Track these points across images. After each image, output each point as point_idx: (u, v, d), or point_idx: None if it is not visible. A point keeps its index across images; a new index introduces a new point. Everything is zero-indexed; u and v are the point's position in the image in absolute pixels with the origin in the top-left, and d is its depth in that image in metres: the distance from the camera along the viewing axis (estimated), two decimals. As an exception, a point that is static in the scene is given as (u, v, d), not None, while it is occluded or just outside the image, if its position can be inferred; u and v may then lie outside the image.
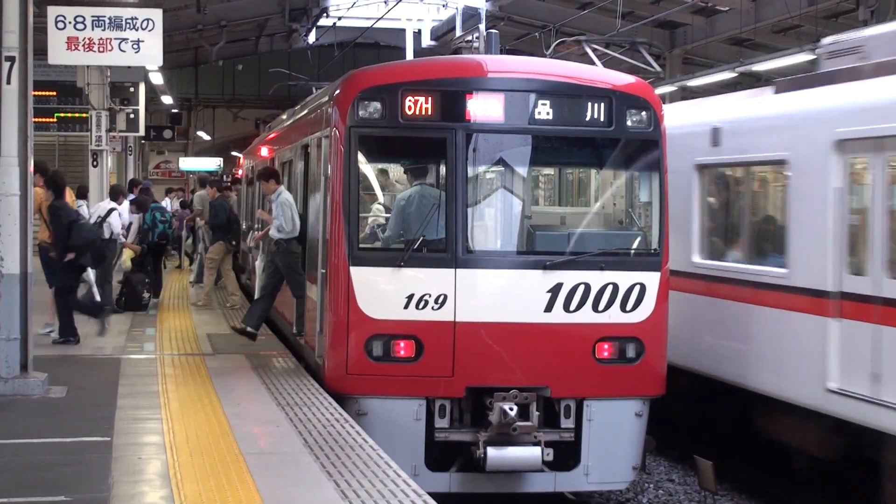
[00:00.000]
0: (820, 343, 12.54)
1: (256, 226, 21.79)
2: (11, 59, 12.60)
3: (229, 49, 43.53)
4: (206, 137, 59.72)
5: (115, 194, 21.50)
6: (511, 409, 12.00)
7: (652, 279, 12.54)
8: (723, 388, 14.78)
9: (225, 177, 47.83)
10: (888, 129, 11.70)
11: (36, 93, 13.62)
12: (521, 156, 12.93)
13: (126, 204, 21.71)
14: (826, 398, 12.46)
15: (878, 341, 11.70)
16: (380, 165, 13.83)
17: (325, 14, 39.13)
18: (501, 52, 14.84)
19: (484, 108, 12.43)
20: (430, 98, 12.36)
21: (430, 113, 12.39)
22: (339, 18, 39.09)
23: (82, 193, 22.52)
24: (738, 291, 14.32)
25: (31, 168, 13.08)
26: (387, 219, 13.34)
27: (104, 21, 16.34)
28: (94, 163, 27.38)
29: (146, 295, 21.01)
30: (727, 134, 14.89)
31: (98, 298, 18.78)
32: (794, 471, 14.17)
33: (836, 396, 12.29)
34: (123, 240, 21.14)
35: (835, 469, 13.12)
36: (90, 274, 18.33)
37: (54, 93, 32.47)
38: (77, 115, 32.76)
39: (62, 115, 33.58)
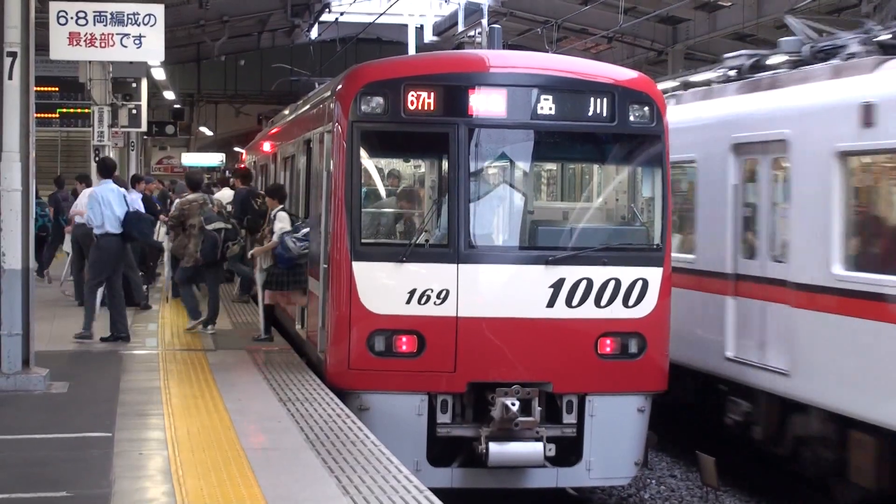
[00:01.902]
0: None
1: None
2: (13, 55, 12.60)
3: (231, 44, 43.53)
4: (209, 133, 59.76)
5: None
6: (513, 405, 11.98)
7: (654, 274, 12.52)
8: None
9: (227, 172, 47.80)
10: None
11: (38, 88, 13.65)
12: (524, 151, 12.91)
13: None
14: None
15: None
16: (382, 160, 13.81)
17: (327, 9, 39.16)
18: (504, 48, 14.82)
19: (486, 103, 12.42)
20: (432, 93, 12.35)
21: (432, 108, 12.37)
22: (342, 14, 39.14)
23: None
24: None
25: (32, 163, 13.07)
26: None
27: (106, 16, 16.31)
28: (97, 158, 27.35)
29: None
30: (888, 111, 11.93)
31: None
32: (796, 468, 14.15)
33: None
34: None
35: (834, 470, 13.09)
36: None
37: (56, 88, 32.44)
38: (79, 110, 32.71)
39: (64, 110, 33.55)
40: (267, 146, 23.56)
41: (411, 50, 35.45)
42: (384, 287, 12.30)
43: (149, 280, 22.31)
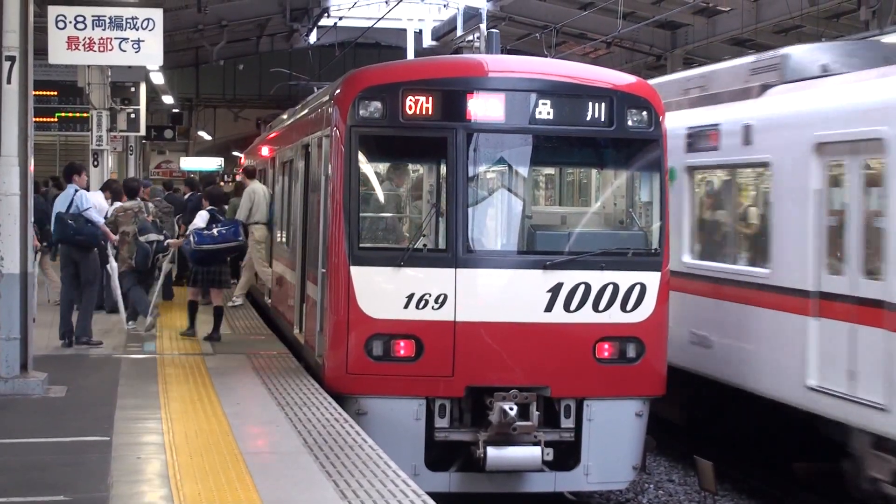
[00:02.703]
0: None
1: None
2: (12, 59, 12.60)
3: (230, 49, 43.53)
4: (207, 137, 59.72)
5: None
6: (511, 409, 11.99)
7: (652, 279, 12.53)
8: None
9: (226, 176, 47.87)
10: None
11: (36, 92, 13.63)
12: (522, 155, 12.92)
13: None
14: None
15: None
16: (381, 165, 13.82)
17: (325, 14, 39.15)
18: (502, 52, 14.84)
19: (485, 107, 12.43)
20: (430, 98, 12.36)
21: (430, 112, 12.38)
22: (340, 18, 39.12)
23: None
24: None
25: (31, 168, 13.07)
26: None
27: (105, 21, 16.34)
28: (95, 163, 27.36)
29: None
30: None
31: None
32: (794, 472, 14.16)
33: None
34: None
35: (834, 471, 13.10)
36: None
37: (55, 92, 32.44)
38: (78, 114, 32.72)
39: (63, 114, 33.57)
40: (265, 150, 23.56)
41: (410, 54, 35.40)
42: (382, 291, 12.31)
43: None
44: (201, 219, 16.79)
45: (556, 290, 12.30)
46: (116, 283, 18.25)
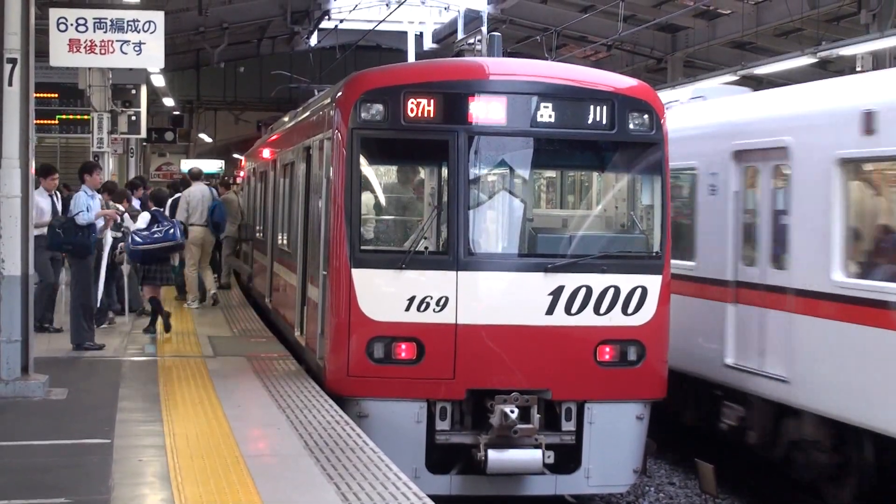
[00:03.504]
0: None
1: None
2: (13, 61, 12.61)
3: (231, 51, 43.53)
4: (208, 140, 59.70)
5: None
6: (512, 412, 11.99)
7: (653, 282, 12.53)
8: None
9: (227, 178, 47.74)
10: None
11: (37, 95, 13.63)
12: (523, 158, 12.92)
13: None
14: None
15: None
16: (382, 167, 13.82)
17: (326, 16, 39.15)
18: (503, 55, 14.84)
19: (486, 110, 12.43)
20: (432, 100, 12.36)
21: (432, 115, 12.38)
22: (341, 21, 39.12)
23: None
24: None
25: (32, 170, 13.07)
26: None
27: (106, 23, 16.33)
28: (94, 159, 27.38)
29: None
30: None
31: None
32: (795, 475, 14.15)
33: None
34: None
35: (836, 473, 13.10)
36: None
37: (56, 95, 32.43)
38: (79, 116, 32.72)
39: (64, 117, 33.55)
40: (266, 153, 23.57)
41: (411, 57, 35.42)
42: (383, 294, 12.31)
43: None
44: (143, 220, 17.46)
45: (557, 293, 12.30)
46: (125, 284, 18.49)
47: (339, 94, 13.05)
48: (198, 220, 21.30)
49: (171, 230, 17.23)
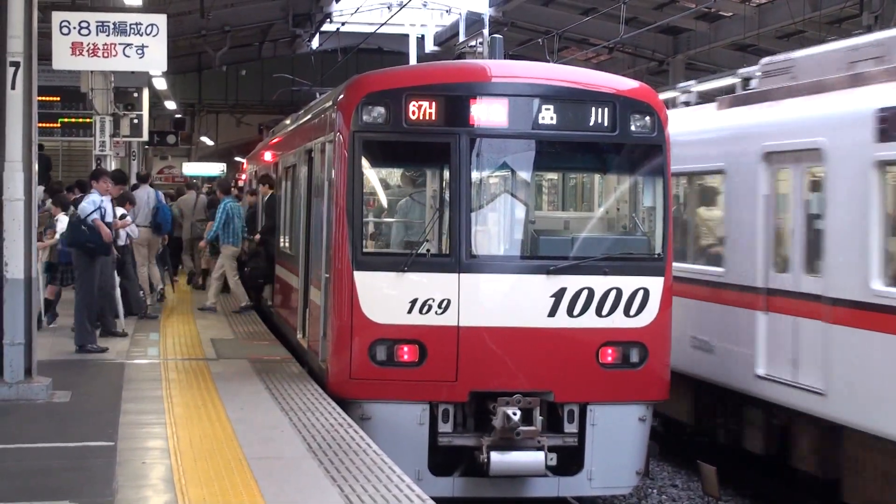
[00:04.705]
0: None
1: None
2: (16, 65, 12.61)
3: (233, 54, 43.56)
4: (210, 143, 59.75)
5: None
6: (514, 414, 11.99)
7: (655, 284, 12.55)
8: None
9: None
10: None
11: (40, 98, 13.64)
12: (525, 160, 12.94)
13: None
14: None
15: None
16: (384, 170, 13.84)
17: (328, 19, 39.18)
18: (505, 58, 14.85)
19: (488, 112, 12.45)
20: (433, 103, 12.38)
21: (433, 118, 12.40)
22: (343, 24, 39.15)
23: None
24: None
25: (34, 173, 13.08)
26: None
27: (108, 26, 16.36)
28: (99, 165, 27.37)
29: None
30: None
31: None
32: (797, 476, 14.15)
33: None
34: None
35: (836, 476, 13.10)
36: None
37: (58, 98, 32.40)
38: (81, 120, 32.71)
39: (66, 120, 33.53)
40: (268, 156, 23.58)
41: (412, 60, 35.45)
42: (386, 297, 12.32)
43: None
44: (64, 222, 17.56)
45: (559, 295, 12.31)
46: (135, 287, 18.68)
47: (341, 96, 13.06)
48: (141, 222, 21.58)
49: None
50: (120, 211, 18.34)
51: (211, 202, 26.09)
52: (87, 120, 29.70)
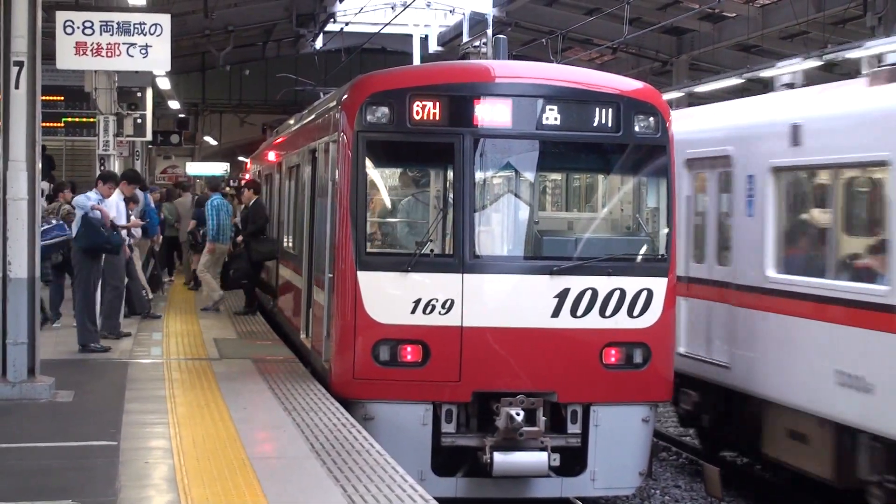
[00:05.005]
0: None
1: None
2: (20, 64, 12.61)
3: (236, 54, 43.52)
4: (213, 142, 59.72)
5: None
6: (518, 415, 11.99)
7: (659, 284, 12.54)
8: None
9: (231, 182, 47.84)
10: None
11: (44, 97, 13.64)
12: (529, 161, 12.93)
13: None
14: None
15: None
16: (387, 170, 13.83)
17: (332, 19, 39.16)
18: (509, 58, 14.84)
19: (492, 113, 12.45)
20: (437, 103, 12.37)
21: (437, 118, 12.40)
22: (347, 24, 39.14)
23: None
24: None
25: (38, 172, 13.07)
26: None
27: (112, 26, 16.35)
28: (102, 167, 27.37)
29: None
30: None
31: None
32: (799, 478, 14.14)
33: None
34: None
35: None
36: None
37: (62, 98, 32.44)
38: (84, 119, 32.72)
39: (70, 119, 33.56)
40: (272, 156, 23.58)
41: (416, 60, 35.44)
42: (389, 297, 12.32)
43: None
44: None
45: (562, 296, 12.30)
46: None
47: (345, 96, 13.06)
48: None
49: (54, 231, 17.28)
50: None
51: (199, 201, 26.19)
52: (91, 119, 29.71)
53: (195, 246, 24.05)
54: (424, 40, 37.65)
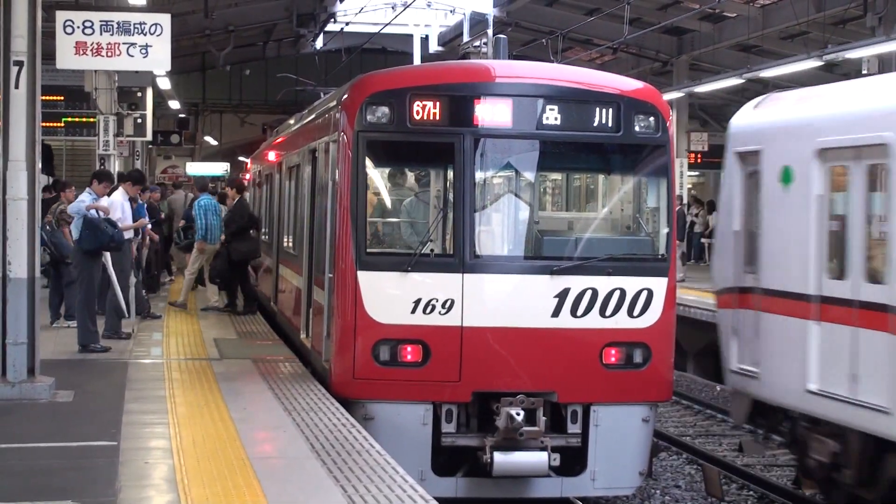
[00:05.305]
0: None
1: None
2: (20, 64, 12.60)
3: (237, 54, 43.54)
4: (213, 142, 59.75)
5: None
6: (518, 414, 11.99)
7: (659, 284, 12.53)
8: None
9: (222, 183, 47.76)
10: None
11: (44, 97, 13.65)
12: (529, 161, 12.93)
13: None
14: None
15: None
16: (388, 170, 13.83)
17: (332, 19, 39.19)
18: (509, 58, 14.85)
19: (492, 113, 12.44)
20: (438, 103, 12.37)
21: (437, 118, 12.40)
22: (347, 24, 39.17)
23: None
24: None
25: (38, 172, 13.07)
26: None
27: (112, 26, 16.37)
28: (102, 167, 27.37)
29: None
30: None
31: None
32: (799, 478, 14.14)
33: None
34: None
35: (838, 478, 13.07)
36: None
37: (62, 97, 32.45)
38: (84, 119, 32.73)
39: (70, 119, 33.57)
40: (272, 156, 23.58)
41: (416, 60, 35.47)
42: (389, 297, 12.32)
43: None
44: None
45: (563, 296, 12.30)
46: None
47: (345, 96, 13.06)
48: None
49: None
50: None
51: (192, 202, 26.12)
52: (91, 119, 29.73)
53: (178, 244, 24.04)
54: (425, 40, 37.69)
